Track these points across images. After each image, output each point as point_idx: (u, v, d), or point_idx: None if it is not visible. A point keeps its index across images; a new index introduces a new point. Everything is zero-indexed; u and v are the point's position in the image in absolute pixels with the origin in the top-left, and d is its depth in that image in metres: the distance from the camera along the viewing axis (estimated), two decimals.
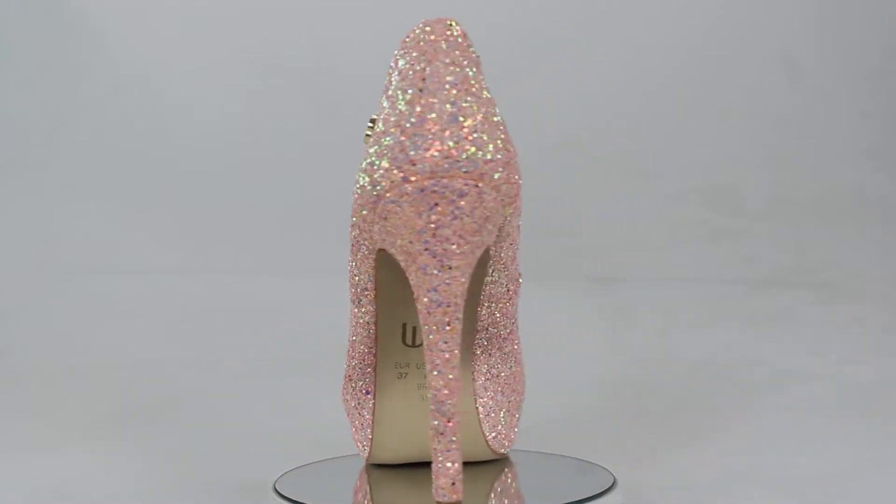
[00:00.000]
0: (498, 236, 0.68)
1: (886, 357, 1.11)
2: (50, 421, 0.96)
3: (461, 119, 0.64)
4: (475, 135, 0.64)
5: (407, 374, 0.73)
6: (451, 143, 0.64)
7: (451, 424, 0.64)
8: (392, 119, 0.65)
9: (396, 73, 0.67)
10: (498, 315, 0.73)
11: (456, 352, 0.64)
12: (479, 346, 0.73)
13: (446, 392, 0.64)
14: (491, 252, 0.69)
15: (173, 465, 0.85)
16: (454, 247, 0.64)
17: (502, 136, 0.66)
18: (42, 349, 1.16)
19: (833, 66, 1.47)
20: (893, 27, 1.49)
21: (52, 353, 1.15)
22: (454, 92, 0.65)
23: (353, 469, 0.76)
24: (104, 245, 1.34)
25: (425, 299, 0.65)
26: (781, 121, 1.44)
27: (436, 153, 0.64)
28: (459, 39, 0.67)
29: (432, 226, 0.64)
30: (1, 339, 1.18)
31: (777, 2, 1.48)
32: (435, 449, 0.64)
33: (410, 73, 0.66)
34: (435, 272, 0.65)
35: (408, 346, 0.73)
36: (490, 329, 0.73)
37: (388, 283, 0.71)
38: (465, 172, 0.64)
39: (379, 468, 0.75)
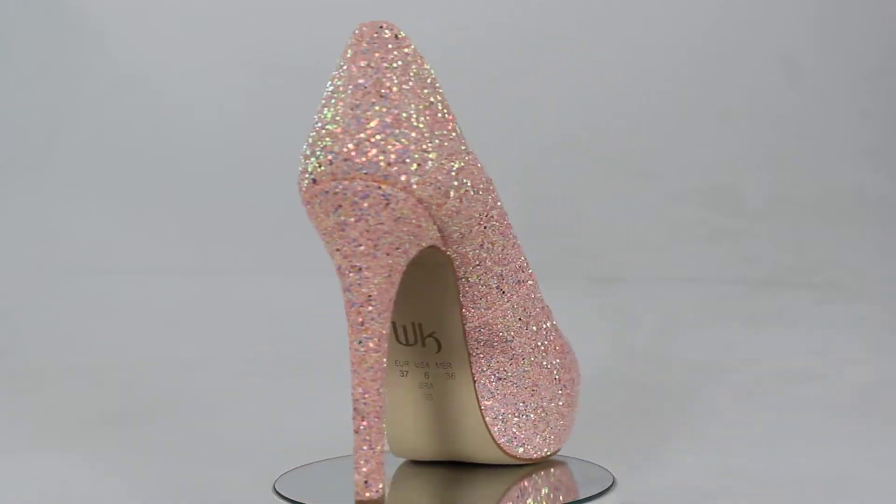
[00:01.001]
0: (446, 237, 0.68)
1: (886, 357, 1.11)
2: (50, 421, 0.96)
3: (364, 121, 0.65)
4: (378, 137, 0.64)
5: (408, 371, 0.73)
6: (350, 146, 0.64)
7: (364, 424, 0.65)
8: (314, 122, 0.66)
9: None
10: (489, 317, 0.72)
11: (373, 353, 0.65)
12: (476, 347, 0.73)
13: (360, 390, 0.65)
14: (450, 254, 0.69)
15: (173, 464, 0.85)
16: (362, 248, 0.65)
17: (418, 138, 0.65)
18: (42, 349, 1.16)
19: (833, 66, 1.47)
20: (893, 27, 1.49)
21: (52, 353, 1.15)
22: (359, 94, 0.65)
23: (352, 469, 0.76)
24: (104, 245, 1.34)
25: (343, 298, 0.66)
26: (781, 121, 1.44)
27: (337, 156, 0.64)
28: (385, 41, 0.66)
29: (339, 228, 0.65)
30: (1, 339, 1.18)
31: (777, 2, 1.48)
32: (354, 447, 0.66)
33: (334, 75, 0.66)
34: (346, 272, 0.66)
35: (402, 344, 0.73)
36: (482, 330, 0.72)
37: None
38: (365, 174, 0.64)
39: (403, 466, 0.76)
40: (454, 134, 0.67)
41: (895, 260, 1.36)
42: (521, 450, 0.74)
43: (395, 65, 0.66)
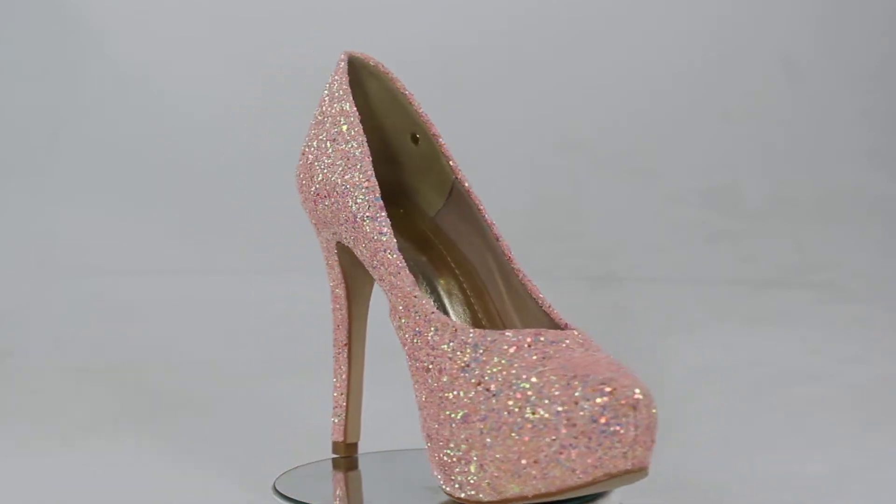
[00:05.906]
0: (334, 233, 0.74)
1: (886, 357, 1.11)
2: (51, 422, 0.96)
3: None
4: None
5: None
6: None
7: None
8: None
9: None
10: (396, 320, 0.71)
11: (337, 345, 0.78)
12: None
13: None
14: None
15: (173, 465, 0.85)
16: None
17: (305, 145, 0.77)
18: (42, 349, 1.16)
19: (833, 66, 1.47)
20: (893, 27, 1.49)
21: (52, 353, 1.15)
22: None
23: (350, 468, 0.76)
24: (104, 245, 1.34)
25: None
26: (781, 121, 1.44)
27: None
28: (336, 68, 0.76)
29: None
30: (1, 339, 1.18)
31: (777, 2, 1.48)
32: None
33: None
34: None
35: None
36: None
37: None
38: None
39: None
40: (339, 142, 0.74)
41: (895, 260, 1.36)
42: (438, 476, 0.67)
43: (330, 88, 0.76)
